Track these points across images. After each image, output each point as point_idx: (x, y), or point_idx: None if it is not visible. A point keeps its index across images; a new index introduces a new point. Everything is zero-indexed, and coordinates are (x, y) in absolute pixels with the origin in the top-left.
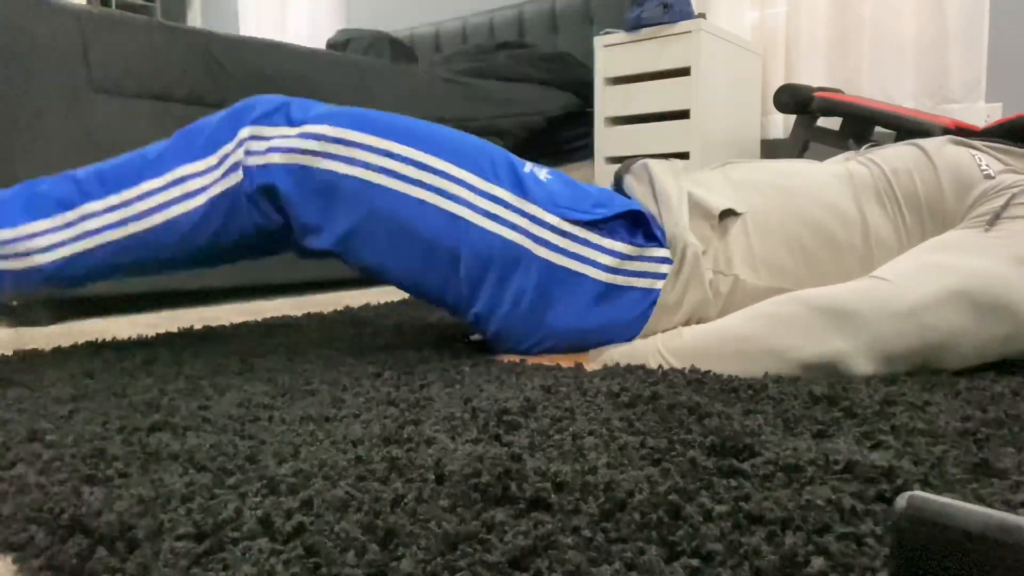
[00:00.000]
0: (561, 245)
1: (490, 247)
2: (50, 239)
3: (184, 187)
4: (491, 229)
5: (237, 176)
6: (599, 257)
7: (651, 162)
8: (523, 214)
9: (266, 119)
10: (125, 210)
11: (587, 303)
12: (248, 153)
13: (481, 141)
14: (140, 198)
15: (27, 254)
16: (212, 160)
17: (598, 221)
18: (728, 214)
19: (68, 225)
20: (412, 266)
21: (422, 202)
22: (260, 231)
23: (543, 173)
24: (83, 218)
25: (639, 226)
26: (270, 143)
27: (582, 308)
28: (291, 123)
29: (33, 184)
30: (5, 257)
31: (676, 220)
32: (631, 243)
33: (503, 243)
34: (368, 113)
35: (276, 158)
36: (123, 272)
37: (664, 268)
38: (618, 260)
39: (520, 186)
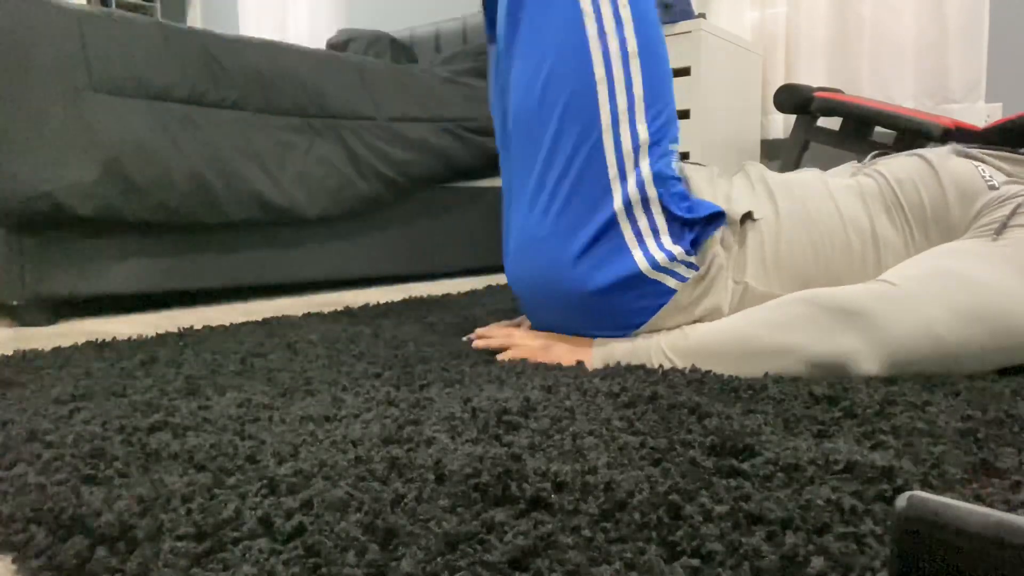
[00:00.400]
0: (636, 215)
1: (590, 158)
2: None
3: None
4: (607, 150)
5: None
6: (654, 250)
7: (687, 167)
8: (637, 167)
9: None
10: None
11: (614, 279)
12: None
13: (672, 91)
14: None
15: None
16: None
17: (679, 218)
18: (747, 218)
19: None
20: (532, 76)
21: (591, 79)
22: None
23: (675, 160)
24: None
25: (696, 229)
26: None
27: (607, 281)
28: None
29: None
30: None
31: (709, 230)
32: (686, 250)
33: (602, 169)
34: None
35: None
36: None
37: (690, 273)
38: (667, 260)
39: (657, 145)
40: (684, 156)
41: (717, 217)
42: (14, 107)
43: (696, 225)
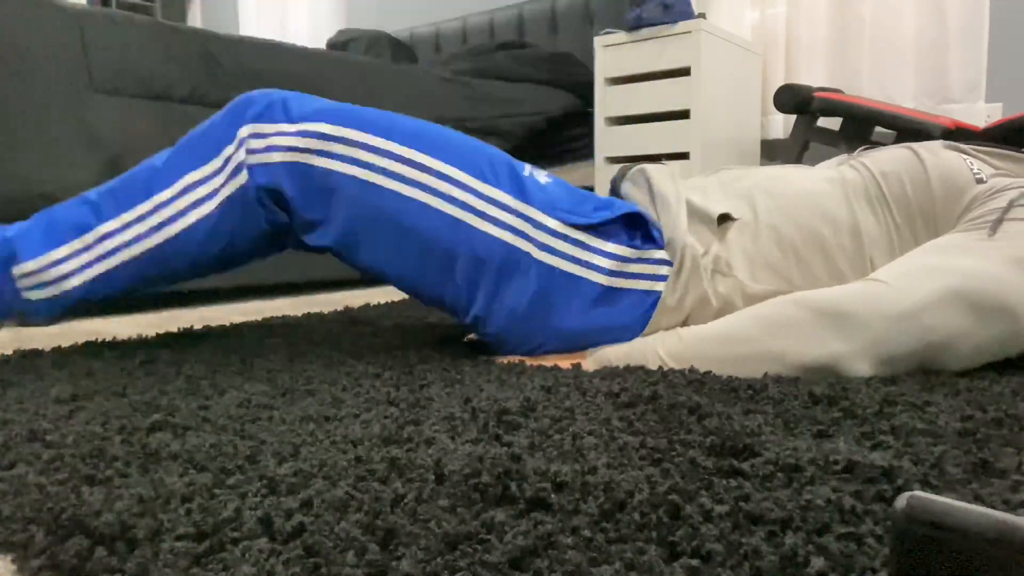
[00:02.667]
0: (561, 249)
1: (490, 250)
2: (73, 263)
3: (194, 194)
4: (491, 232)
5: (243, 176)
6: (599, 260)
7: (648, 167)
8: (523, 217)
9: (264, 116)
10: (140, 225)
11: (587, 306)
12: (249, 152)
13: (481, 143)
14: (153, 211)
15: (55, 281)
16: (217, 163)
17: (597, 224)
18: (725, 219)
19: (88, 248)
20: (410, 267)
21: (422, 204)
22: (274, 227)
23: (543, 176)
24: (101, 238)
25: (638, 228)
26: (269, 141)
27: (582, 311)
28: (289, 119)
29: (49, 212)
30: (36, 287)
31: (675, 222)
32: (630, 246)
33: (503, 246)
34: (366, 111)
35: (276, 156)
36: (148, 284)
37: (664, 270)
38: (618, 263)
39: (520, 189)
40: (684, 156)
41: (637, 215)
42: (14, 107)
43: (616, 222)
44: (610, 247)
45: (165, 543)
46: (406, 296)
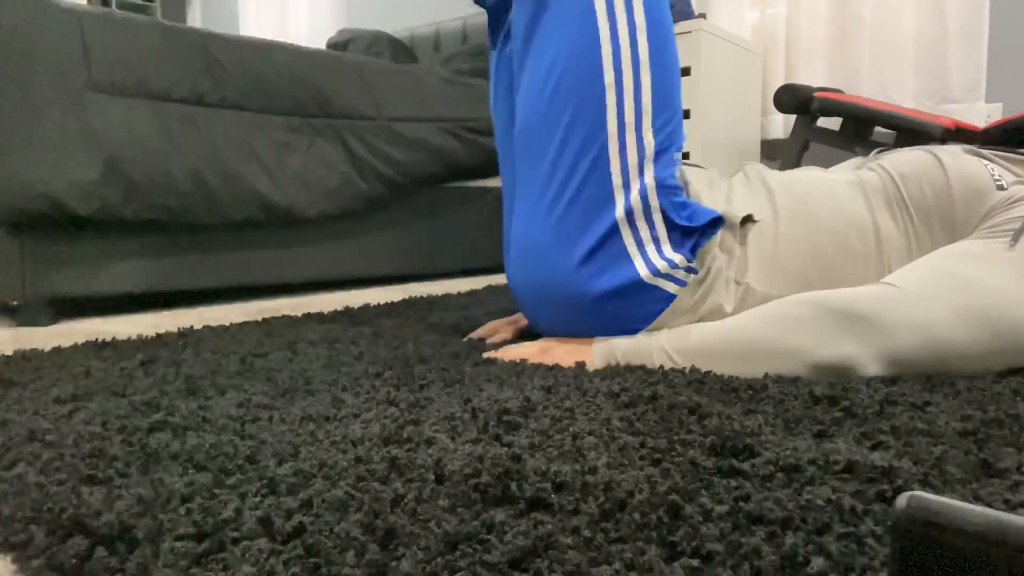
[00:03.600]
0: (638, 224)
1: (594, 166)
2: None
3: None
4: (612, 158)
5: None
6: (655, 258)
7: (688, 169)
8: (641, 175)
9: None
10: None
11: (615, 286)
12: None
13: (680, 100)
14: None
15: None
16: None
17: (680, 227)
18: (748, 220)
19: None
20: (544, 79)
21: (600, 86)
22: None
23: (678, 167)
24: None
25: (695, 236)
26: None
27: (609, 287)
28: None
29: None
30: None
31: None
32: (686, 257)
33: (606, 177)
34: None
35: None
36: None
37: (689, 277)
38: (667, 267)
39: (662, 154)
40: (684, 156)
41: (716, 223)
42: (14, 107)
43: (695, 233)
44: (671, 253)
45: (165, 543)
46: (406, 296)
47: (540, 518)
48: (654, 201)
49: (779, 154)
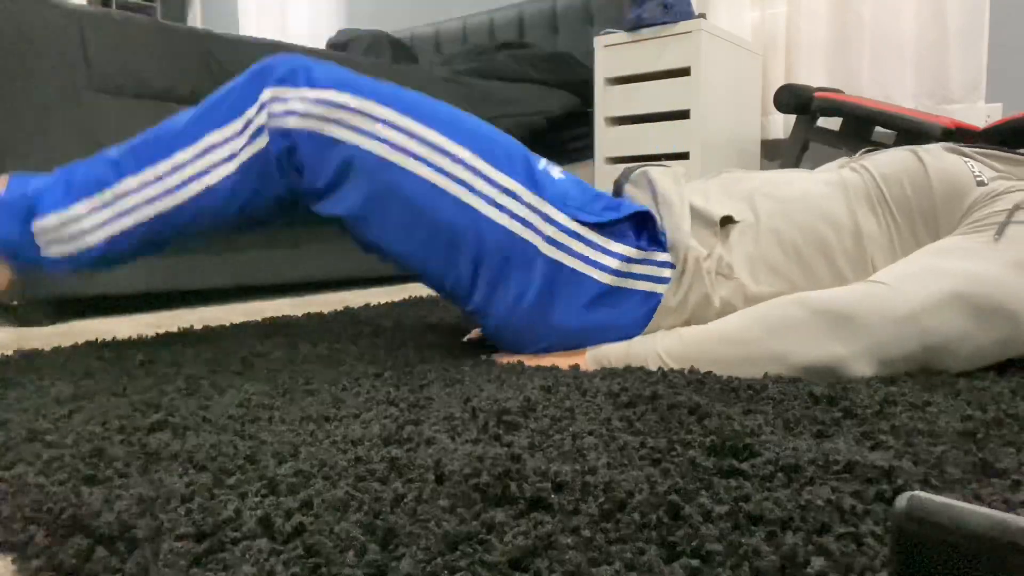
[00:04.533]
0: (569, 245)
1: (498, 239)
2: (93, 220)
3: (215, 155)
4: (501, 221)
5: (263, 139)
6: (605, 259)
7: (651, 169)
8: (534, 210)
9: (287, 80)
10: (159, 184)
11: (588, 304)
12: (271, 115)
13: (499, 132)
14: (174, 170)
15: (74, 237)
16: (237, 125)
17: (607, 223)
18: (727, 221)
19: (107, 204)
20: (417, 248)
21: (434, 185)
22: (291, 193)
23: (556, 171)
24: (121, 196)
25: (644, 229)
26: (288, 105)
27: (583, 309)
28: (312, 85)
29: (69, 170)
30: (55, 243)
31: (678, 224)
32: (636, 246)
33: (511, 237)
34: (389, 87)
35: (293, 121)
36: (166, 243)
37: (666, 272)
38: (623, 263)
39: (533, 182)
40: (684, 156)
41: (645, 214)
42: (14, 107)
43: (626, 222)
44: (617, 247)
45: (165, 543)
46: (406, 296)
47: (540, 518)
48: (560, 217)
49: (779, 154)
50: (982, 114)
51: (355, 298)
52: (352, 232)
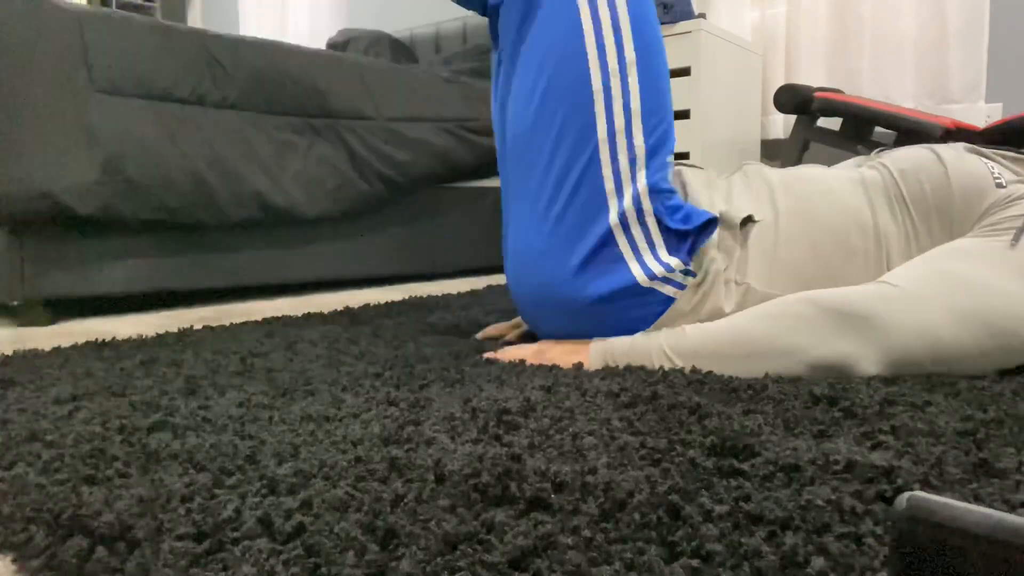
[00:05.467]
0: (632, 229)
1: (585, 173)
2: None
3: None
4: (603, 164)
5: None
6: (652, 263)
7: (685, 171)
8: (633, 181)
9: None
10: None
11: (612, 292)
12: None
13: (669, 99)
14: None
15: None
16: None
17: (674, 231)
18: (748, 221)
19: None
20: (531, 89)
21: (587, 72)
22: None
23: (671, 170)
24: None
25: (691, 239)
26: None
27: (606, 293)
28: None
29: None
30: None
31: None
32: (682, 260)
33: (598, 183)
34: None
35: None
36: None
37: (689, 280)
38: (665, 272)
39: (653, 158)
40: (684, 156)
41: (710, 224)
42: (14, 107)
43: (690, 235)
44: (668, 258)
45: (165, 543)
46: (406, 296)
47: (540, 518)
48: (647, 206)
49: (779, 154)
50: (982, 114)
51: (355, 298)
52: (503, 21)
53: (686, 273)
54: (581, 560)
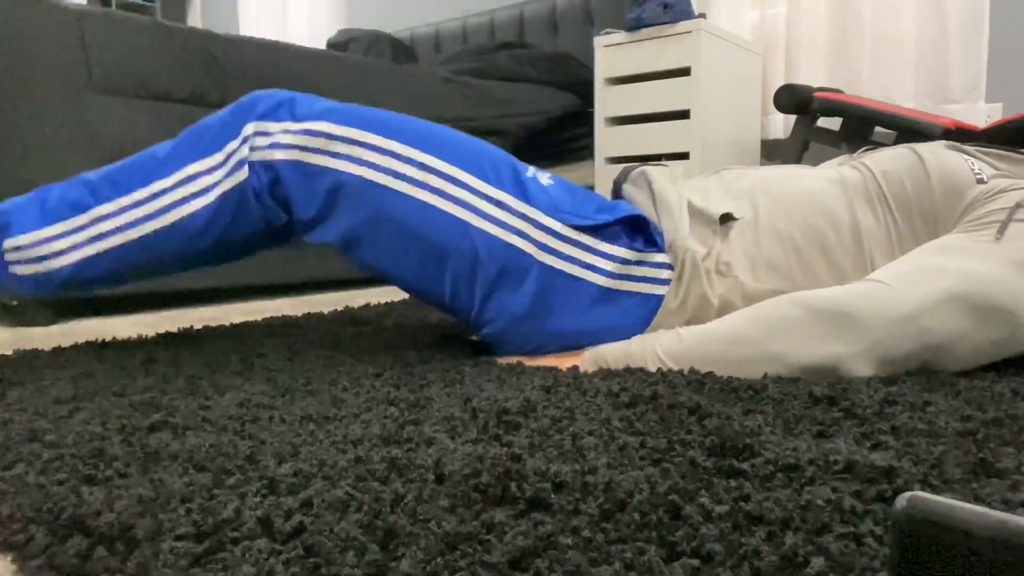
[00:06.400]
0: (563, 250)
1: (491, 250)
2: (64, 243)
3: (193, 185)
4: (494, 233)
5: (243, 172)
6: (600, 262)
7: (649, 169)
8: (525, 218)
9: (270, 115)
10: (136, 211)
11: (586, 307)
12: (252, 149)
13: (484, 144)
14: (151, 198)
15: (44, 258)
16: (219, 157)
17: (600, 226)
18: (727, 219)
19: (81, 228)
20: (412, 267)
21: (424, 203)
22: (268, 226)
23: (545, 178)
24: (96, 220)
25: (639, 231)
26: (273, 139)
27: (581, 312)
28: (295, 118)
29: (46, 190)
30: (24, 262)
31: (676, 225)
32: (632, 248)
33: (505, 247)
34: (371, 111)
35: (279, 154)
36: (135, 274)
37: (665, 273)
38: (619, 265)
39: (523, 190)
40: (684, 156)
41: (637, 217)
42: (14, 107)
43: (618, 224)
44: (611, 249)
45: (165, 543)
46: (406, 296)
47: (540, 518)
48: (551, 223)
49: (779, 154)
50: (982, 114)
51: (355, 298)
52: (346, 255)
53: (658, 266)
54: (581, 560)
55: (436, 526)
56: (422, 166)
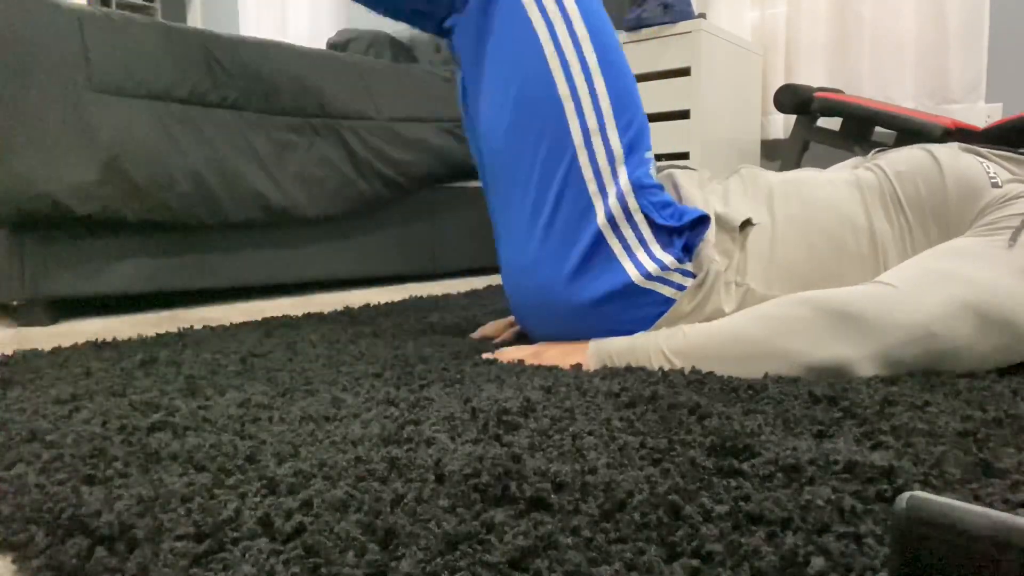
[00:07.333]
0: (623, 230)
1: (567, 179)
2: None
3: None
4: (583, 167)
5: None
6: (645, 260)
7: (677, 172)
8: (615, 179)
9: None
10: None
11: (608, 294)
12: None
13: (640, 104)
14: None
15: None
16: None
17: (665, 227)
18: (747, 224)
19: None
20: (500, 106)
21: (552, 82)
22: None
23: (653, 167)
24: None
25: (684, 236)
26: None
27: (602, 295)
28: None
29: None
30: None
31: (705, 236)
32: (677, 257)
33: (581, 187)
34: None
35: None
36: None
37: (688, 281)
38: (658, 269)
39: (632, 152)
40: (684, 156)
41: (702, 221)
42: (14, 107)
43: (683, 232)
44: (661, 254)
45: (165, 543)
46: (406, 296)
47: (540, 518)
48: (633, 203)
49: (779, 154)
50: (982, 114)
51: (355, 298)
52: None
53: (684, 273)
54: (581, 560)
55: (436, 526)
56: (582, 60)
